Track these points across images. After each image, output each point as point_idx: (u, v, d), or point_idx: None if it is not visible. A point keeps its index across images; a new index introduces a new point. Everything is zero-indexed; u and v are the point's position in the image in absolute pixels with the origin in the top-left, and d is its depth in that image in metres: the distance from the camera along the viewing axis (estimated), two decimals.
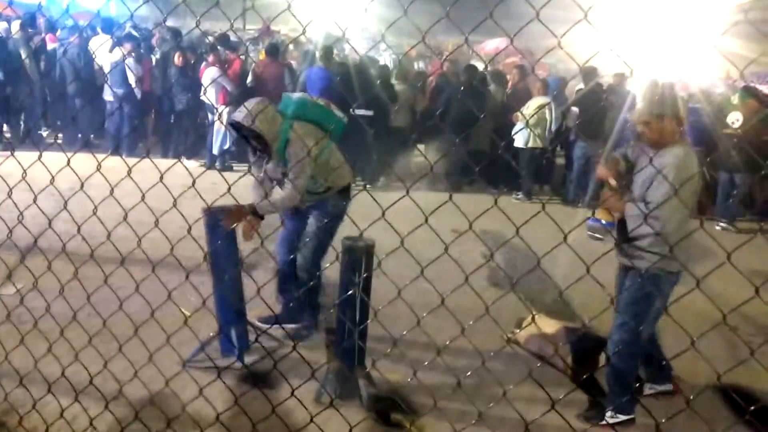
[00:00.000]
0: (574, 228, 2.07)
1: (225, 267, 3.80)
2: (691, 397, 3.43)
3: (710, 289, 1.86)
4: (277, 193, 4.13)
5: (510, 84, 10.22)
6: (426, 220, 2.07)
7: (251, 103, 3.90)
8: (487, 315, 2.19)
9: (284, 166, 3.96)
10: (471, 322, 3.42)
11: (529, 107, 9.06)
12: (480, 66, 10.30)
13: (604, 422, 3.58)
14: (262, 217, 3.97)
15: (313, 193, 4.14)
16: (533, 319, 4.09)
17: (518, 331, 4.53)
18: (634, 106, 3.59)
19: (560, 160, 10.36)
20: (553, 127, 9.16)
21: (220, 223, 3.79)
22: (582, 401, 3.80)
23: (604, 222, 3.66)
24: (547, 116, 9.09)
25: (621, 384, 3.52)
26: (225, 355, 3.93)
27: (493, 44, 17.11)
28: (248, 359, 3.93)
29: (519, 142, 9.13)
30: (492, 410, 3.47)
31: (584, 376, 3.82)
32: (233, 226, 3.85)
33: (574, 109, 9.19)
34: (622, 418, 3.55)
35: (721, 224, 8.41)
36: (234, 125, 3.97)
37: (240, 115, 3.84)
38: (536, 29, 1.92)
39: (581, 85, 9.44)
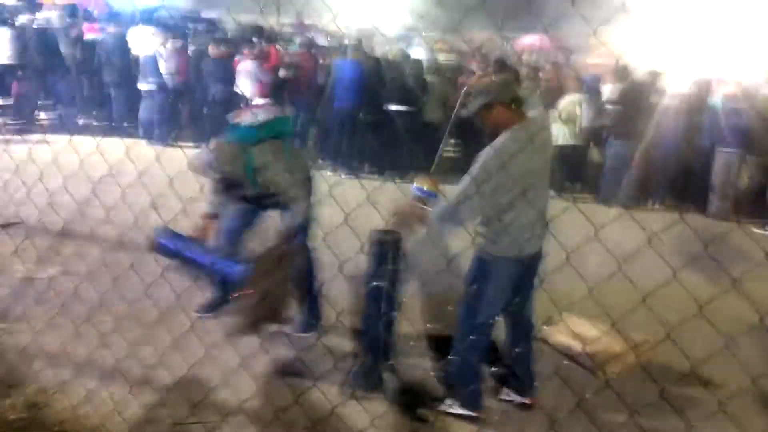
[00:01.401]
0: (605, 225, 2.03)
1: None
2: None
3: (746, 292, 1.81)
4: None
5: (543, 80, 10.10)
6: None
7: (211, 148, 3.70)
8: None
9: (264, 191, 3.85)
10: (498, 318, 3.42)
11: (562, 103, 8.96)
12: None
13: (442, 408, 3.45)
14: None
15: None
16: (561, 316, 4.05)
17: (546, 328, 4.49)
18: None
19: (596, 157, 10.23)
20: (584, 124, 9.03)
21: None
22: (611, 399, 3.73)
23: (426, 189, 3.47)
24: (578, 112, 8.96)
25: (456, 375, 3.40)
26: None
27: (528, 40, 16.96)
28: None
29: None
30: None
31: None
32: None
33: (609, 106, 9.05)
34: (459, 410, 3.40)
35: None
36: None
37: (229, 168, 3.64)
38: (573, 28, 1.89)
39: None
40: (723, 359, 1.66)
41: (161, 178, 2.42)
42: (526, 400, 3.60)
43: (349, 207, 2.33)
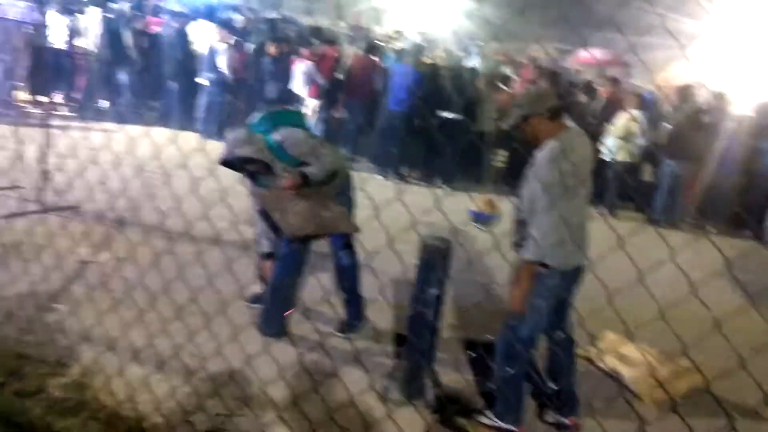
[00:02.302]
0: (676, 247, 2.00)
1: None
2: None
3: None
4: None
5: (602, 96, 9.97)
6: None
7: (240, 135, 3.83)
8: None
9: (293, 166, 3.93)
10: (542, 332, 3.38)
11: (619, 120, 8.84)
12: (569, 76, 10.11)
13: (483, 421, 3.40)
14: None
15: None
16: (609, 338, 4.00)
17: (592, 348, 4.43)
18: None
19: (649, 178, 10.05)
20: (640, 142, 8.88)
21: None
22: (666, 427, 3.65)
23: (485, 213, 3.47)
24: (635, 130, 8.82)
25: (500, 389, 3.34)
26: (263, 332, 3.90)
27: (586, 55, 16.72)
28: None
29: (606, 155, 8.91)
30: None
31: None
32: None
33: (666, 125, 8.88)
34: (497, 423, 3.34)
35: None
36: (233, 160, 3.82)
37: (250, 149, 3.75)
38: (639, 42, 1.87)
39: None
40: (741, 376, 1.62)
41: (225, 173, 2.48)
42: (568, 421, 3.53)
43: (400, 212, 2.34)
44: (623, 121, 8.79)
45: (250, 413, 3.13)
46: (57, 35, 10.32)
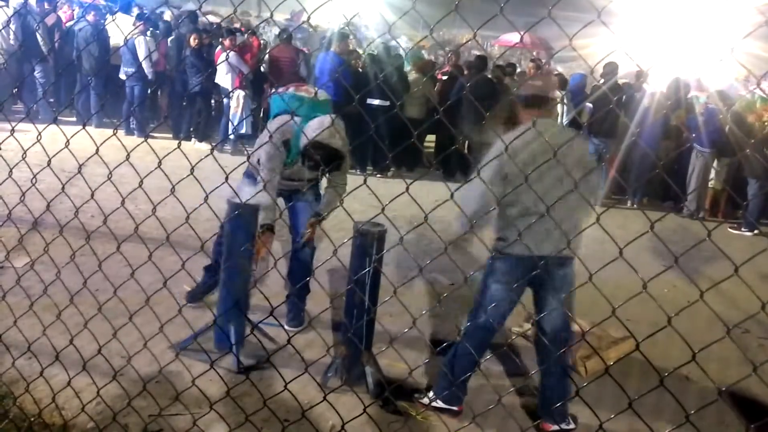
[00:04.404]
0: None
1: (238, 260, 3.66)
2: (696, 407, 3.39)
3: (723, 293, 1.83)
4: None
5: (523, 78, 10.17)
6: (425, 219, 2.04)
7: (325, 122, 3.72)
8: (493, 305, 2.16)
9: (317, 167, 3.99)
10: (503, 321, 3.40)
11: None
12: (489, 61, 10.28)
13: (424, 400, 3.52)
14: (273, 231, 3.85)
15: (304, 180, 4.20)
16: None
17: (526, 323, 4.53)
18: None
19: None
20: (564, 121, 9.09)
21: (241, 217, 3.60)
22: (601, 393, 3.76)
23: None
24: (558, 109, 9.02)
25: (447, 367, 3.40)
26: (218, 347, 3.77)
27: (510, 38, 17.04)
28: (244, 359, 3.72)
29: None
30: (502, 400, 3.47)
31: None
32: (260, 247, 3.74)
33: (588, 105, 9.13)
34: (438, 403, 3.42)
35: (744, 230, 8.36)
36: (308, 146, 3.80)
37: (325, 134, 3.62)
38: (556, 25, 1.88)
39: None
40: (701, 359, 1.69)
41: (144, 169, 2.37)
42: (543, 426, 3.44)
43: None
44: None
45: (185, 411, 3.05)
46: None
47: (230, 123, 9.78)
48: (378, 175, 9.38)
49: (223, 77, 9.64)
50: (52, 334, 2.94)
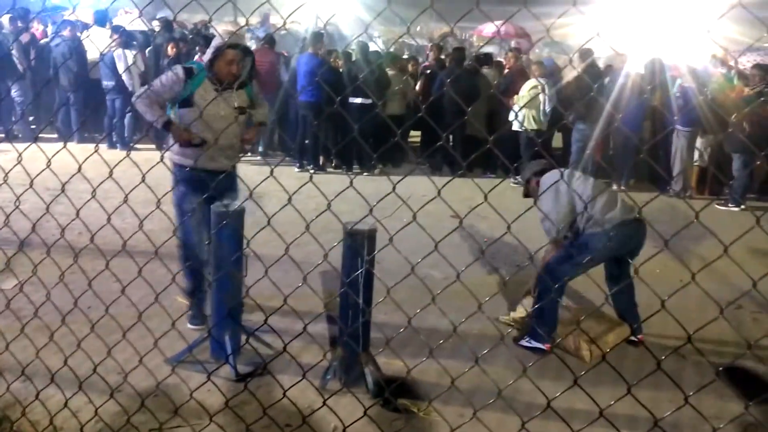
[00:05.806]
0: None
1: (227, 267, 3.62)
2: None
3: (714, 270, 1.83)
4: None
5: (506, 67, 10.16)
6: (414, 216, 2.04)
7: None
8: (488, 299, 2.16)
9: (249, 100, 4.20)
10: (487, 299, 3.41)
11: (524, 89, 9.04)
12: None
13: (522, 343, 4.22)
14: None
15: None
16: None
17: (520, 308, 4.54)
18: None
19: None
20: (547, 108, 9.08)
21: (227, 222, 3.59)
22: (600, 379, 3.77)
23: None
24: (541, 97, 9.02)
25: (538, 316, 4.13)
26: (214, 357, 3.77)
27: (490, 28, 17.06)
28: (241, 368, 3.70)
29: (515, 125, 9.09)
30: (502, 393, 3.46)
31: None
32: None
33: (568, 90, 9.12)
34: (534, 344, 4.14)
35: (731, 206, 8.42)
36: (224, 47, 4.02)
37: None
38: (534, 11, 1.88)
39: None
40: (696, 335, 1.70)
41: (129, 183, 2.36)
42: (636, 338, 4.18)
43: (318, 202, 2.28)
44: (528, 90, 8.98)
45: (185, 424, 3.03)
46: None
47: None
48: (365, 174, 9.36)
49: None
50: (46, 355, 2.91)
